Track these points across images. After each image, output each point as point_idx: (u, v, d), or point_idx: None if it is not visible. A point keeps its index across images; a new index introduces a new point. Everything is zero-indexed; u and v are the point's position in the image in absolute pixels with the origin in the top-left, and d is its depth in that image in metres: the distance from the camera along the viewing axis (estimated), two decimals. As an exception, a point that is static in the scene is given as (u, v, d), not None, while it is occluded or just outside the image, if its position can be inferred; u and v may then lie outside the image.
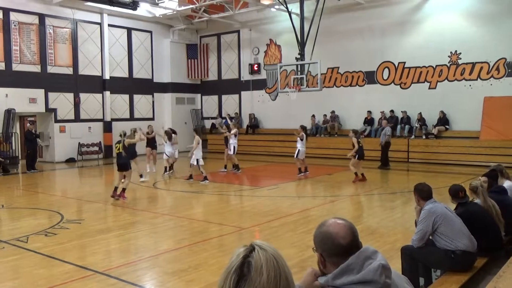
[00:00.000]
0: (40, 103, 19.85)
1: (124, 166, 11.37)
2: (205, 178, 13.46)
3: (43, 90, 19.85)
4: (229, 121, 19.94)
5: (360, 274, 1.91)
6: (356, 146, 13.26)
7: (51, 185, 15.49)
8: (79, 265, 6.36)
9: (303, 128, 14.97)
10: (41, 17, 19.90)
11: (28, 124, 18.91)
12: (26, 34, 19.37)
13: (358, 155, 13.34)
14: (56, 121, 20.51)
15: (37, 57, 19.75)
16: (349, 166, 13.62)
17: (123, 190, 11.11)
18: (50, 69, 20.18)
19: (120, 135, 11.56)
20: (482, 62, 17.25)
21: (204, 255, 6.77)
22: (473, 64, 17.43)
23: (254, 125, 23.30)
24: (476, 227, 4.82)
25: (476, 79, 17.43)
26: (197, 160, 13.51)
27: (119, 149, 11.35)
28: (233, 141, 15.72)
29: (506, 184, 6.34)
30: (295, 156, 14.71)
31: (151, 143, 16.51)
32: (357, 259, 1.95)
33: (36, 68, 19.75)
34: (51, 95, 20.20)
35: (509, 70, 16.70)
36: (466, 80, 17.63)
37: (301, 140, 14.50)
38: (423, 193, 4.79)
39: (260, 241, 1.53)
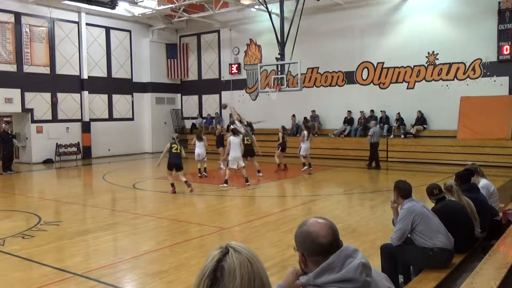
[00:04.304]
0: (16, 103, 19.44)
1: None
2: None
3: (19, 90, 19.45)
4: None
5: (341, 273, 1.93)
6: (281, 140, 15.57)
7: (28, 186, 15.20)
8: (57, 267, 6.26)
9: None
10: (17, 15, 19.49)
11: (4, 125, 18.50)
12: (1, 33, 18.94)
13: (281, 148, 15.58)
14: (33, 121, 20.14)
15: (13, 56, 19.34)
16: (275, 157, 15.74)
17: (246, 178, 12.76)
18: (27, 69, 19.80)
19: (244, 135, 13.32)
20: (458, 63, 17.55)
21: (185, 255, 6.74)
22: (450, 64, 17.73)
23: (235, 125, 23.24)
24: (451, 223, 4.91)
25: (453, 79, 17.72)
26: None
27: (248, 141, 13.66)
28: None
29: (483, 182, 6.46)
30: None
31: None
32: (338, 258, 1.97)
33: (12, 68, 19.35)
34: (28, 95, 19.82)
35: (485, 71, 17.04)
36: (443, 80, 17.92)
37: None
38: (403, 192, 4.85)
39: (236, 243, 1.52)
